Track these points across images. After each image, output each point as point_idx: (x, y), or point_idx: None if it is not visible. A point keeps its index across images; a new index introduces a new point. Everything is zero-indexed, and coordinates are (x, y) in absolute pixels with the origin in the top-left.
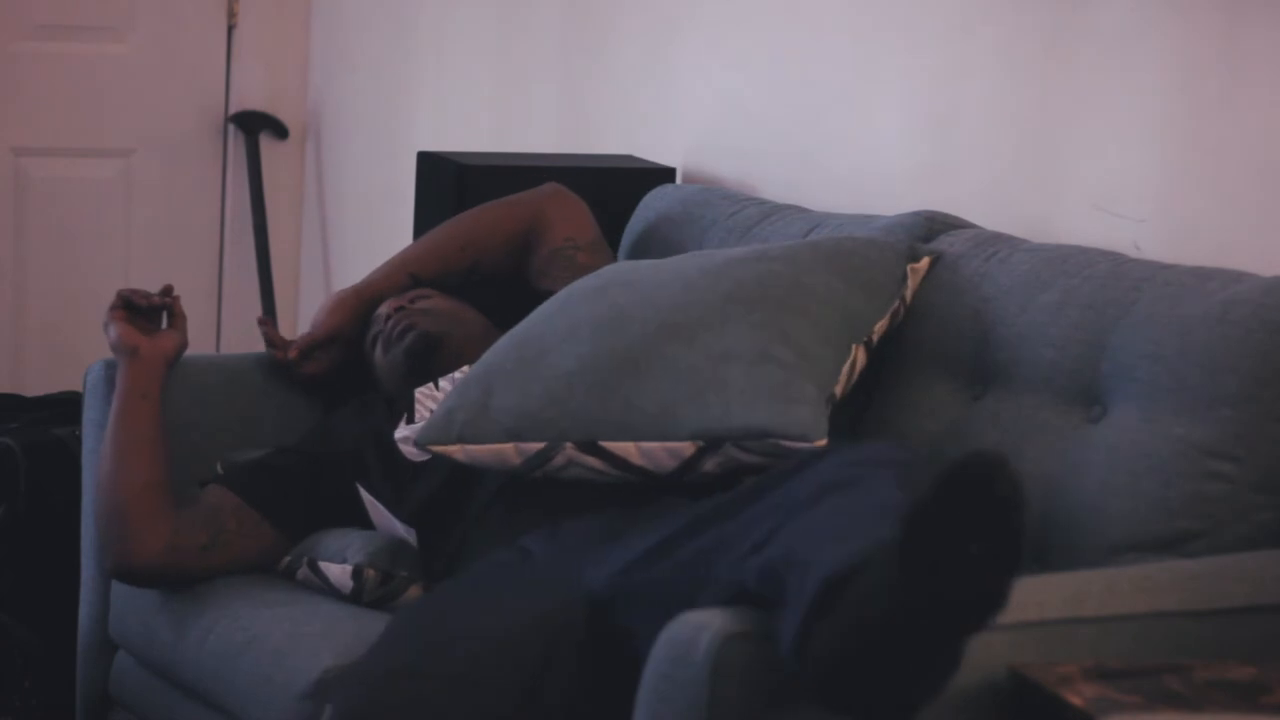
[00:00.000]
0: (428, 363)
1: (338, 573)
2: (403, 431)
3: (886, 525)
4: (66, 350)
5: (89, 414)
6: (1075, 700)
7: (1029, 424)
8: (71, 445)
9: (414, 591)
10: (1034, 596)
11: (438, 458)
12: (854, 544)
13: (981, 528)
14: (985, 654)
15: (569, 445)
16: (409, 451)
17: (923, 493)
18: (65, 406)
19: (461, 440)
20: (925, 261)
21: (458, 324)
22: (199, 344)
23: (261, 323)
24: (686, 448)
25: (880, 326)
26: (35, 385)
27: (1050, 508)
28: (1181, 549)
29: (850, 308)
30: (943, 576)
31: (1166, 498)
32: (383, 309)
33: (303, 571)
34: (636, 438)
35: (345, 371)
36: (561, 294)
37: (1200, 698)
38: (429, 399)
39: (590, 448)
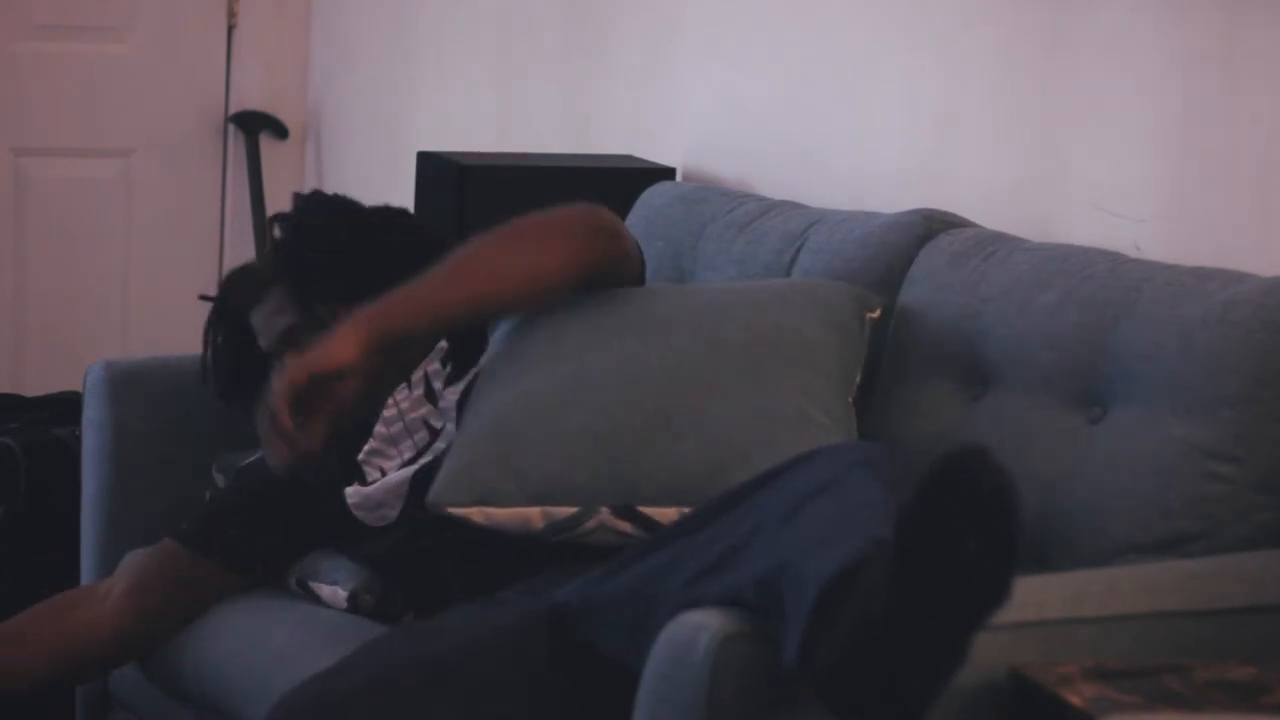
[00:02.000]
0: (334, 444)
1: (329, 593)
2: (354, 499)
3: (875, 524)
4: (66, 350)
5: (89, 414)
6: (1075, 700)
7: (1029, 425)
8: (71, 445)
9: (410, 616)
10: (1034, 596)
11: (399, 521)
12: (846, 548)
13: (974, 524)
14: (985, 654)
15: (604, 510)
16: (367, 518)
17: (910, 494)
18: (65, 406)
19: (482, 503)
20: (878, 312)
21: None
22: (199, 344)
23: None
24: None
25: (858, 380)
26: (35, 385)
27: (1050, 508)
28: (1181, 549)
29: (842, 360)
30: (940, 576)
31: (1166, 498)
32: (267, 346)
33: (293, 590)
34: (679, 502)
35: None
36: (547, 337)
37: (1200, 698)
38: (376, 457)
39: (626, 512)
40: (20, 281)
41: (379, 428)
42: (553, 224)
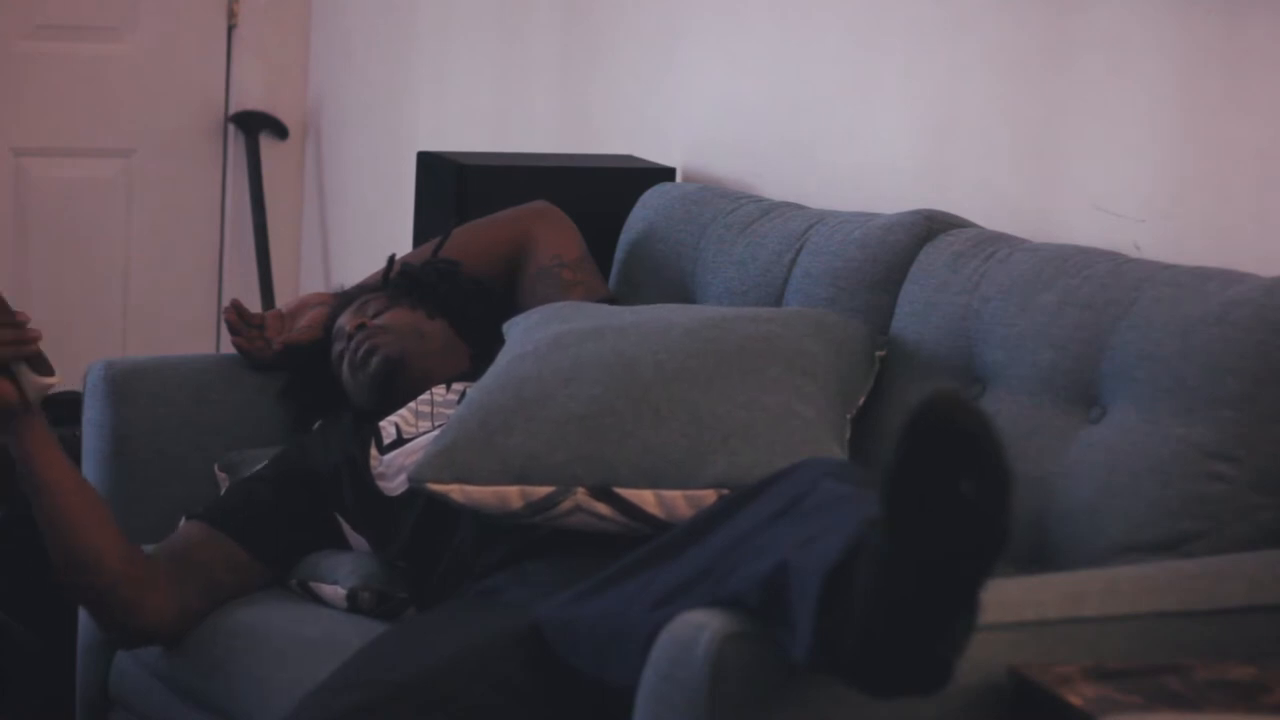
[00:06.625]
0: (394, 384)
1: (330, 593)
2: (378, 468)
3: (858, 512)
4: (66, 350)
5: (89, 414)
6: (1075, 700)
7: (1029, 424)
8: (71, 445)
9: (411, 612)
10: (1034, 596)
11: (413, 488)
12: (838, 536)
13: (966, 464)
14: (985, 654)
15: (580, 490)
16: (385, 487)
17: (893, 451)
18: (65, 406)
19: (461, 480)
20: (884, 352)
21: (419, 339)
22: (199, 344)
23: (227, 312)
24: (708, 495)
25: (861, 402)
26: None
27: (1050, 508)
28: (1181, 549)
29: (843, 377)
30: (938, 527)
31: (1166, 498)
32: (345, 322)
33: (293, 590)
34: (655, 484)
35: (318, 381)
36: (549, 333)
37: (1200, 698)
38: (396, 414)
39: (603, 493)
40: (20, 281)
41: (410, 404)
42: (504, 214)
